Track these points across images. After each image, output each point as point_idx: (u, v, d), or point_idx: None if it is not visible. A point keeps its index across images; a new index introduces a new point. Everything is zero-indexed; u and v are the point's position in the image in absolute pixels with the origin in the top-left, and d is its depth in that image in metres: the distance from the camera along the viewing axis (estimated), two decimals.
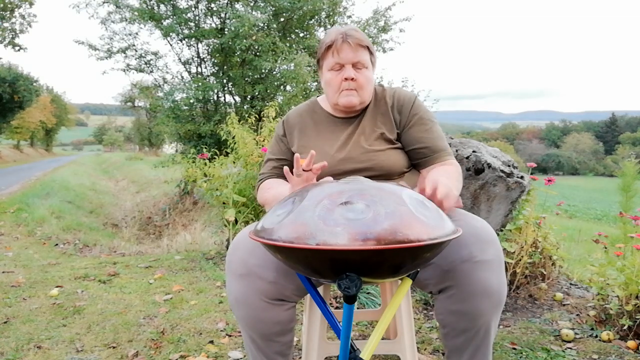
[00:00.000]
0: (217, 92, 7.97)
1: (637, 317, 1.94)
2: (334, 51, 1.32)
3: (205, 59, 8.25)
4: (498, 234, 2.40)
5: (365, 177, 1.17)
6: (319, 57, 1.39)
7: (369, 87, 1.37)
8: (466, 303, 1.10)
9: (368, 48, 1.34)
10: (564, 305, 2.39)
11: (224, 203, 3.32)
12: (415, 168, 1.40)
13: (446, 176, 1.26)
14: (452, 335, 1.17)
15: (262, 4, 7.54)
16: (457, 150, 2.54)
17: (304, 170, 1.14)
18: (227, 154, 3.73)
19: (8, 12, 18.75)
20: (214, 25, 8.02)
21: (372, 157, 1.32)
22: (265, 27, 7.64)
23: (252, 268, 1.13)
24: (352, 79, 1.32)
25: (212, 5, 7.91)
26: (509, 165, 2.56)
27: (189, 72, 8.31)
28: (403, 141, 1.38)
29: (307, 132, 1.44)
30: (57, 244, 5.04)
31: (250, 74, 7.74)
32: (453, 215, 1.19)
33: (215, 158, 3.57)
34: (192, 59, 8.24)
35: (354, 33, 1.32)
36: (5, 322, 2.16)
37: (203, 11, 7.97)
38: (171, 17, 7.68)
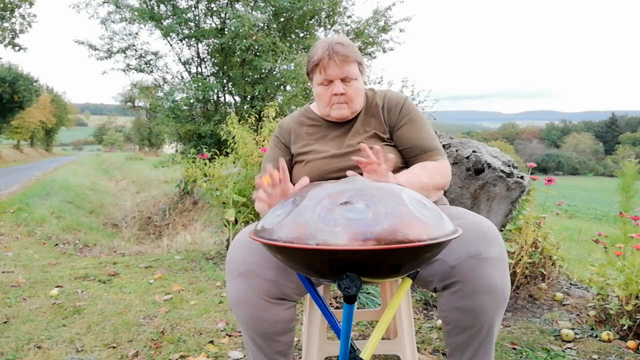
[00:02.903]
0: (217, 92, 7.96)
1: (637, 317, 1.94)
2: (321, 68, 1.35)
3: (205, 59, 8.25)
4: None
5: (361, 174, 1.18)
6: (308, 71, 1.43)
7: (359, 98, 1.41)
8: (470, 299, 1.11)
9: (356, 60, 1.37)
10: (564, 305, 2.39)
11: (224, 203, 3.32)
12: (407, 166, 1.42)
13: (421, 167, 1.31)
14: (455, 333, 1.17)
15: (262, 4, 7.53)
16: (457, 150, 2.54)
17: (273, 187, 1.14)
18: (227, 154, 3.73)
19: (8, 12, 18.73)
20: (214, 25, 8.02)
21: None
22: (265, 27, 7.64)
23: (252, 267, 1.13)
24: (342, 93, 1.36)
25: (212, 5, 7.91)
26: (509, 165, 2.56)
27: (189, 72, 8.31)
28: (395, 141, 1.42)
29: (302, 135, 1.48)
30: (57, 244, 5.04)
31: (250, 74, 7.74)
32: (457, 213, 1.21)
33: (215, 158, 3.57)
34: (192, 59, 8.25)
35: (340, 49, 1.33)
36: (5, 322, 2.16)
37: (203, 11, 7.97)
38: (171, 17, 7.68)
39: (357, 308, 2.18)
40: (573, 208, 18.50)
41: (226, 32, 7.33)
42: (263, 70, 7.63)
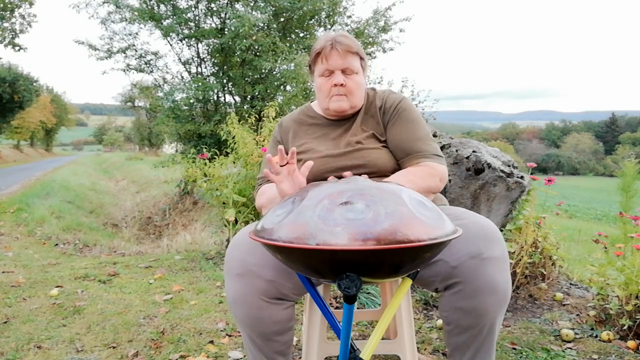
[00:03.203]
0: (217, 92, 7.97)
1: (637, 317, 1.94)
2: (322, 58, 1.36)
3: (205, 59, 8.25)
4: None
5: (358, 173, 1.18)
6: (310, 63, 1.43)
7: (359, 92, 1.40)
8: (472, 300, 1.11)
9: (357, 53, 1.37)
10: (564, 305, 2.39)
11: (224, 203, 3.32)
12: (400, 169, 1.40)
13: (403, 175, 1.29)
14: (456, 333, 1.17)
15: (262, 4, 7.54)
16: (457, 150, 2.54)
17: (281, 166, 1.16)
18: (227, 154, 3.73)
19: (8, 12, 18.74)
20: (214, 25, 8.02)
21: (365, 155, 1.34)
22: (265, 27, 7.64)
23: (250, 267, 1.12)
24: (342, 84, 1.35)
25: (212, 5, 7.91)
26: (509, 165, 2.56)
27: (189, 72, 8.32)
28: (387, 140, 1.40)
29: (301, 134, 1.47)
30: (57, 244, 5.04)
31: (250, 74, 7.74)
32: (458, 213, 1.21)
33: (215, 158, 3.57)
34: (192, 59, 8.25)
35: (343, 39, 1.35)
36: (5, 322, 2.16)
37: (203, 11, 7.98)
38: (171, 17, 7.68)
39: (357, 308, 2.18)
40: (573, 208, 18.49)
41: (226, 32, 7.33)
42: (263, 70, 7.63)
